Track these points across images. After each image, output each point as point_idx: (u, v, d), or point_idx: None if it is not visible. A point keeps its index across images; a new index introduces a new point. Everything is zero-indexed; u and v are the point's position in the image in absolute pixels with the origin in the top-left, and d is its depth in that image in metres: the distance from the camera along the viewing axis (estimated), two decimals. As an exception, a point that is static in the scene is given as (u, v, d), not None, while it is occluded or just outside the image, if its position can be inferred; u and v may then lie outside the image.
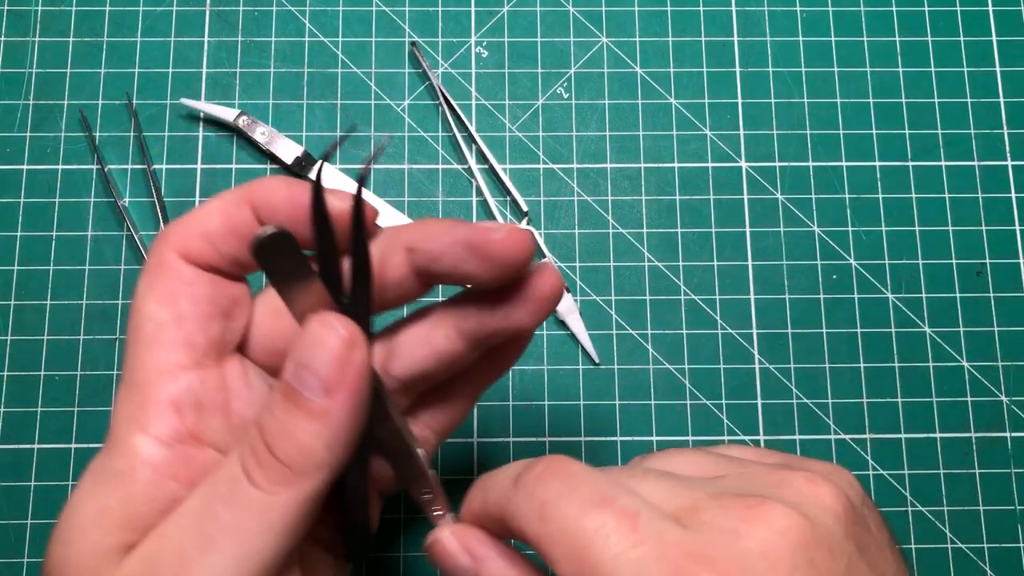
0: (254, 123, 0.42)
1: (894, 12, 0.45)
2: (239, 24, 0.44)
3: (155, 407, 0.22)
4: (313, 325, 0.22)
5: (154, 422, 0.22)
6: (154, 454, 0.22)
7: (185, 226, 0.24)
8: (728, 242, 0.42)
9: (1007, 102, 0.44)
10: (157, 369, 0.23)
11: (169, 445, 0.22)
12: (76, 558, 0.21)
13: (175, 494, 0.22)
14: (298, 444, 0.21)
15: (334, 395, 0.21)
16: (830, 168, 0.43)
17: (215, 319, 0.24)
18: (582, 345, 0.41)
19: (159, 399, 0.22)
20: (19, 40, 0.44)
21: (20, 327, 0.41)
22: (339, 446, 0.22)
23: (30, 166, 0.42)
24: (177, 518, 0.21)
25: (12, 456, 0.39)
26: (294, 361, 0.21)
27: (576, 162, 0.43)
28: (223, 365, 0.24)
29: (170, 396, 0.22)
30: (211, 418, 0.23)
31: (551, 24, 0.45)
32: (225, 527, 0.20)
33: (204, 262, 0.24)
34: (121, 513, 0.21)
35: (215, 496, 0.21)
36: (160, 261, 0.23)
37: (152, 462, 0.22)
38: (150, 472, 0.22)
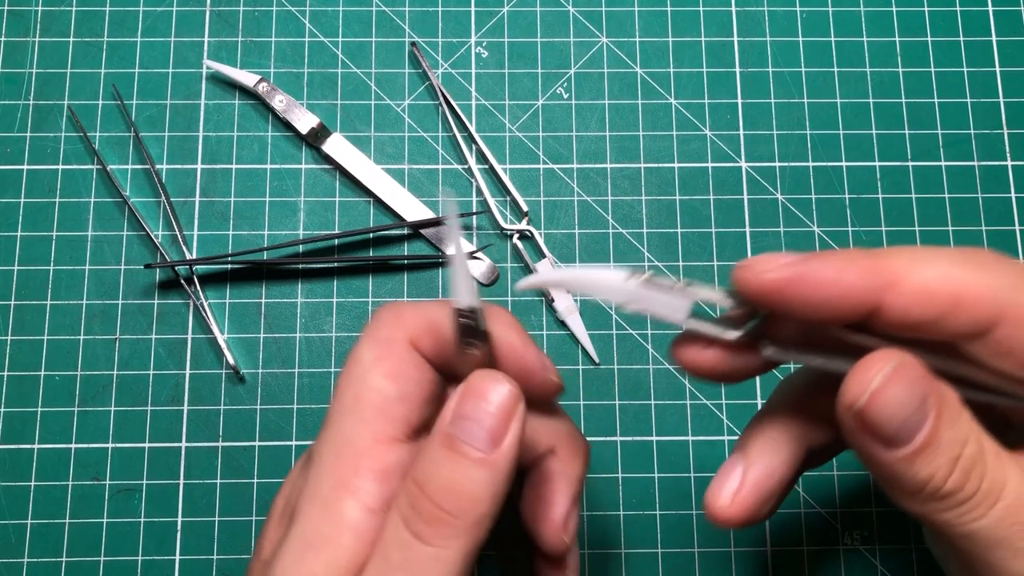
0: (273, 90, 0.42)
1: (894, 12, 0.45)
2: (239, 24, 0.44)
3: (370, 474, 0.23)
4: (477, 380, 0.23)
5: (364, 487, 0.23)
6: (359, 520, 0.23)
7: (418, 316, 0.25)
8: (728, 242, 0.42)
9: (1007, 102, 0.44)
10: (376, 439, 0.24)
11: (373, 513, 0.23)
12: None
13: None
14: (466, 494, 0.22)
15: (500, 445, 0.22)
16: (830, 168, 0.43)
17: (429, 404, 0.25)
18: (582, 345, 0.41)
19: (372, 467, 0.23)
20: (19, 40, 0.44)
21: (20, 327, 0.41)
22: (500, 495, 0.23)
23: (30, 166, 0.42)
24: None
25: (12, 456, 0.39)
26: (458, 415, 0.23)
27: (576, 162, 0.43)
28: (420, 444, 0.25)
29: (382, 465, 0.23)
30: None
31: (551, 24, 0.45)
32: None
33: (427, 353, 0.25)
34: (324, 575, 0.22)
35: (388, 563, 0.22)
36: (391, 339, 0.25)
37: (357, 528, 0.23)
38: (353, 538, 0.22)
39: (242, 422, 0.40)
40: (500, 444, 0.22)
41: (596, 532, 0.39)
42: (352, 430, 0.24)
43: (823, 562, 0.39)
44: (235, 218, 0.42)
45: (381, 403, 0.24)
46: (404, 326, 0.25)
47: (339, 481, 0.23)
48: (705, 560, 0.39)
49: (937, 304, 0.21)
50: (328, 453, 0.24)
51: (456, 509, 0.22)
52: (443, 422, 0.23)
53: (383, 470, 0.23)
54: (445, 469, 0.22)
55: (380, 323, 0.26)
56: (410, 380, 0.25)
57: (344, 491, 0.23)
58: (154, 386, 0.40)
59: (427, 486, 0.22)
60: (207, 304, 0.41)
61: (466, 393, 0.23)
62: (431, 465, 0.22)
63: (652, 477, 0.40)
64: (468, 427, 0.22)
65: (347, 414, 0.24)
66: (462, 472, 0.22)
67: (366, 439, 0.24)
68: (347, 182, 0.43)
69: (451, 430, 0.23)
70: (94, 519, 0.39)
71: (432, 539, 0.22)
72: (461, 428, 0.22)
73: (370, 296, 0.41)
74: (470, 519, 0.22)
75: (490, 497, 0.22)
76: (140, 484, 0.39)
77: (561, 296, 0.41)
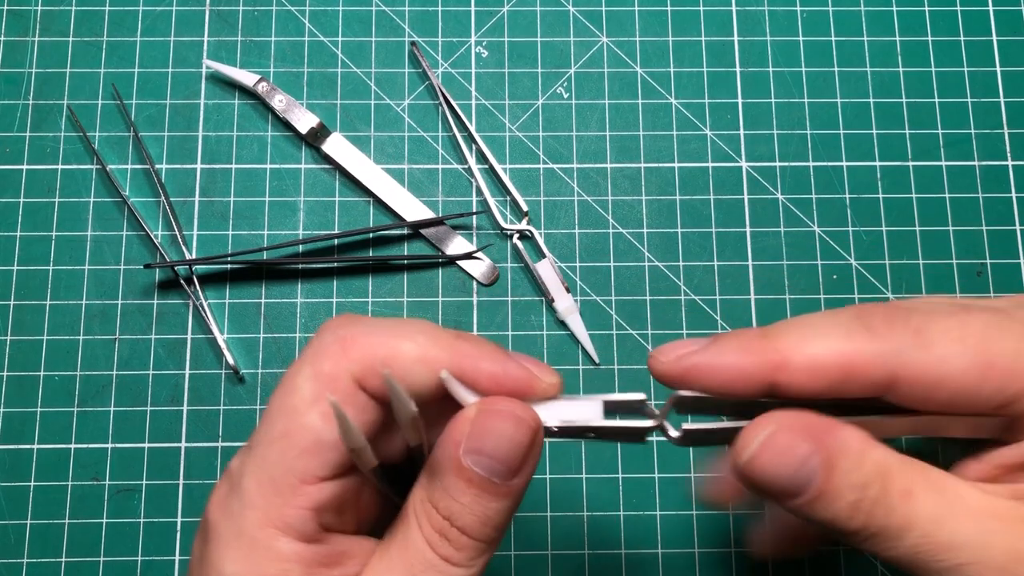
0: (273, 90, 0.42)
1: (894, 12, 0.45)
2: (239, 24, 0.44)
3: (298, 513, 0.23)
4: (491, 410, 0.23)
5: (295, 525, 0.23)
6: (300, 552, 0.23)
7: (367, 350, 0.24)
8: (728, 242, 0.42)
9: (1007, 102, 0.44)
10: (304, 479, 0.23)
11: (311, 543, 0.23)
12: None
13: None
14: (491, 522, 0.23)
15: (520, 476, 0.23)
16: (830, 168, 0.43)
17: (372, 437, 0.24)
18: (582, 345, 0.41)
19: (302, 505, 0.23)
20: (19, 40, 0.44)
21: (20, 327, 0.41)
22: (515, 510, 0.24)
23: (30, 166, 0.42)
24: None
25: (12, 456, 0.39)
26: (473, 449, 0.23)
27: (576, 162, 0.43)
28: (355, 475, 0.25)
29: (313, 503, 0.23)
30: (345, 515, 0.25)
31: (551, 24, 0.45)
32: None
33: (375, 390, 0.24)
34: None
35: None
36: (335, 379, 0.23)
37: (301, 558, 0.23)
38: (300, 569, 0.23)
39: (242, 422, 0.40)
40: (519, 474, 0.23)
41: (596, 532, 0.39)
42: (278, 467, 0.23)
43: (823, 562, 0.39)
44: (235, 218, 0.42)
45: (312, 445, 0.23)
46: (350, 360, 0.24)
47: (265, 518, 0.23)
48: (705, 560, 0.39)
49: (827, 378, 0.22)
50: (252, 485, 0.23)
51: (483, 536, 0.23)
52: (455, 449, 0.23)
53: (311, 508, 0.23)
54: (471, 502, 0.23)
55: (324, 352, 0.24)
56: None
57: (272, 528, 0.23)
58: (154, 386, 0.40)
59: (454, 518, 0.23)
60: (207, 304, 0.41)
61: (480, 422, 0.23)
62: (451, 498, 0.23)
63: (652, 477, 0.40)
64: (492, 465, 0.23)
65: (274, 447, 0.23)
66: (487, 503, 0.23)
67: (293, 478, 0.23)
68: (347, 182, 0.43)
69: (469, 464, 0.23)
70: (94, 519, 0.39)
71: (461, 562, 0.23)
72: (486, 465, 0.23)
73: (370, 296, 0.41)
74: (493, 540, 0.24)
75: (509, 516, 0.24)
76: (140, 484, 0.39)
77: (561, 296, 0.41)
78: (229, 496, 0.23)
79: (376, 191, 0.42)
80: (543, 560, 0.39)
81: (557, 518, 0.39)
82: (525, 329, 0.41)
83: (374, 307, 0.41)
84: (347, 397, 0.23)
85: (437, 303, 0.41)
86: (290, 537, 0.23)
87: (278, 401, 0.24)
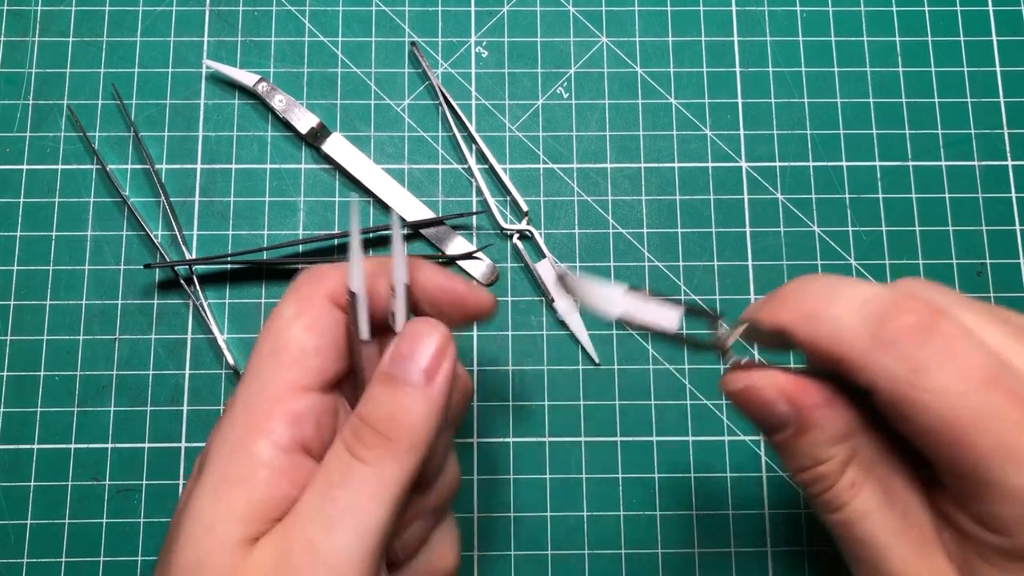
0: (273, 90, 0.42)
1: (894, 12, 0.45)
2: (239, 24, 0.44)
3: (280, 417, 0.25)
4: (416, 325, 0.26)
5: (276, 430, 0.25)
6: (272, 458, 0.24)
7: (338, 275, 0.27)
8: (728, 242, 0.42)
9: (1007, 102, 0.44)
10: (289, 386, 0.25)
11: (285, 452, 0.25)
12: (208, 554, 0.23)
13: (288, 493, 0.24)
14: (402, 422, 0.24)
15: (434, 380, 0.25)
16: (830, 168, 0.43)
17: (343, 359, 0.27)
18: (582, 345, 0.41)
19: (285, 411, 0.25)
20: (19, 40, 0.44)
21: (20, 327, 0.41)
22: (434, 426, 0.25)
23: (30, 166, 0.42)
24: (300, 508, 0.24)
25: (12, 456, 0.39)
26: (396, 355, 0.25)
27: (576, 162, 0.43)
28: (334, 396, 0.27)
29: (294, 410, 0.25)
30: (320, 435, 0.26)
31: (551, 24, 0.45)
32: (345, 507, 0.23)
33: (344, 308, 0.27)
34: (245, 509, 0.24)
35: (330, 483, 0.24)
36: (311, 296, 0.27)
37: (271, 464, 0.24)
38: (269, 473, 0.24)
39: (242, 422, 0.40)
40: (434, 379, 0.25)
41: (596, 532, 0.39)
42: (268, 378, 0.25)
43: (823, 562, 0.39)
44: (235, 218, 0.42)
45: (298, 353, 0.26)
46: (324, 285, 0.27)
47: (252, 424, 0.25)
48: (705, 560, 0.39)
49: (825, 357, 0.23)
50: (242, 400, 0.25)
51: (394, 435, 0.24)
52: (383, 364, 0.25)
53: (295, 414, 0.25)
54: (384, 401, 0.25)
55: (301, 282, 0.27)
56: (327, 334, 0.26)
57: (257, 433, 0.25)
58: (154, 386, 0.40)
59: (369, 416, 0.25)
60: (207, 304, 0.41)
61: (404, 336, 0.26)
62: (373, 400, 0.25)
63: (652, 477, 0.40)
64: (406, 365, 0.25)
65: (264, 363, 0.26)
66: (399, 403, 0.25)
67: (280, 386, 0.25)
68: (347, 182, 0.43)
69: (390, 369, 0.25)
70: (94, 519, 0.39)
71: (371, 460, 0.24)
72: (399, 366, 0.25)
73: (370, 296, 0.41)
74: (406, 444, 0.24)
75: (424, 426, 0.25)
76: (140, 484, 0.39)
77: (561, 296, 0.41)
78: (224, 418, 0.26)
79: (376, 191, 0.42)
80: (543, 560, 0.39)
81: (557, 518, 0.39)
82: (525, 329, 0.41)
83: (374, 307, 0.41)
84: (323, 312, 0.26)
85: (437, 303, 0.41)
86: (268, 441, 0.24)
87: (265, 329, 0.27)
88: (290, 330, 0.26)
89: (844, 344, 0.22)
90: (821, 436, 0.23)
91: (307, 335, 0.26)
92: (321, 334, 0.26)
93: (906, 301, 0.21)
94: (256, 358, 0.26)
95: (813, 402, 0.23)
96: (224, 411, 0.27)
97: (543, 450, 0.40)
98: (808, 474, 0.24)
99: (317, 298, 0.27)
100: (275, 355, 0.26)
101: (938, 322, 0.21)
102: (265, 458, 0.24)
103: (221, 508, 0.24)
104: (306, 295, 0.27)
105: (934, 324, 0.21)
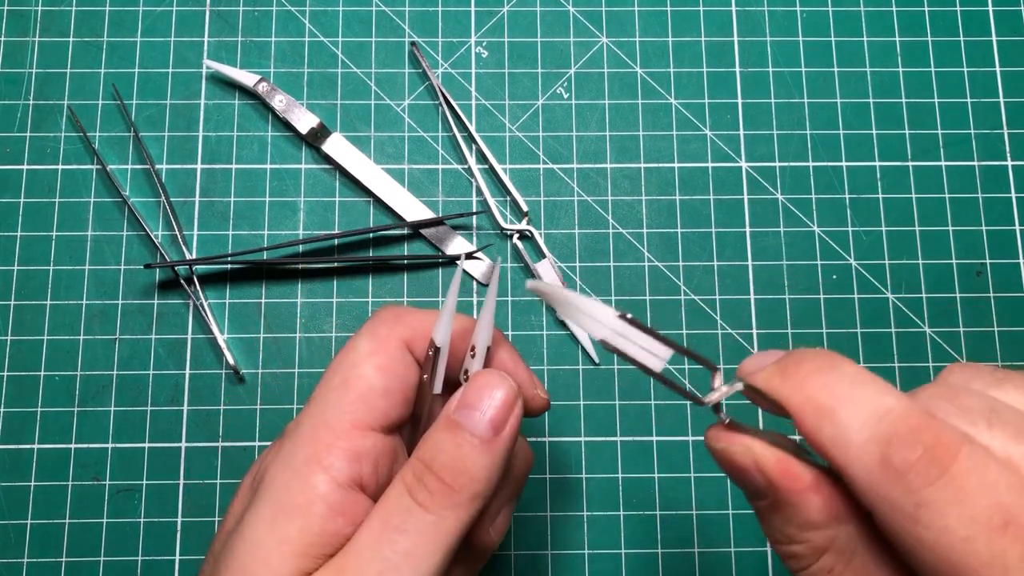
0: (273, 90, 0.42)
1: (894, 12, 0.45)
2: (239, 24, 0.44)
3: (340, 453, 0.25)
4: (486, 376, 0.26)
5: (336, 465, 0.25)
6: (329, 492, 0.25)
7: (417, 320, 0.28)
8: (728, 242, 0.42)
9: (1007, 102, 0.44)
10: (354, 423, 0.26)
11: (342, 488, 0.25)
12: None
13: (341, 529, 0.25)
14: (467, 472, 0.25)
15: (500, 433, 0.25)
16: (830, 168, 0.43)
17: (408, 403, 0.28)
18: (582, 345, 0.41)
19: (346, 447, 0.25)
20: (19, 40, 0.44)
21: (20, 327, 0.41)
22: (496, 478, 0.25)
23: (30, 166, 0.42)
24: (355, 548, 0.24)
25: (12, 456, 0.39)
26: (463, 404, 0.25)
27: (576, 162, 0.43)
28: (394, 438, 0.28)
29: (355, 447, 0.26)
30: (376, 475, 0.26)
31: (551, 24, 0.45)
32: (404, 552, 0.24)
33: (419, 356, 0.28)
34: (299, 543, 0.24)
35: (389, 525, 0.24)
36: (388, 337, 0.27)
37: (327, 499, 0.25)
38: (325, 508, 0.24)
39: (242, 422, 0.40)
40: (500, 433, 0.25)
41: (596, 532, 0.39)
42: (334, 411, 0.26)
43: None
44: (235, 218, 0.42)
45: (366, 392, 0.26)
46: (402, 326, 0.28)
47: (313, 455, 0.25)
48: (705, 560, 0.39)
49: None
50: (306, 428, 0.26)
51: (457, 484, 0.24)
52: (448, 410, 0.26)
53: (356, 451, 0.25)
54: (450, 449, 0.25)
55: (380, 320, 0.28)
56: (397, 377, 0.27)
57: (316, 465, 0.25)
58: (154, 386, 0.40)
59: (433, 463, 0.25)
60: (207, 304, 0.41)
61: (472, 385, 0.26)
62: (436, 446, 0.25)
63: (652, 477, 0.40)
64: (473, 415, 0.25)
65: (331, 395, 0.26)
66: (464, 452, 0.25)
67: (344, 422, 0.26)
68: (347, 182, 0.43)
69: (457, 417, 0.25)
70: (94, 519, 0.39)
71: (433, 508, 0.24)
72: (466, 416, 0.25)
73: (370, 296, 0.41)
74: (468, 494, 0.25)
75: (487, 477, 0.25)
76: (140, 484, 0.39)
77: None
78: (284, 441, 0.26)
79: (376, 191, 0.42)
80: (543, 560, 0.39)
81: (557, 518, 0.39)
82: (525, 329, 0.41)
83: (374, 307, 0.41)
84: (396, 355, 0.27)
85: (437, 303, 0.41)
86: (327, 476, 0.25)
87: (337, 361, 0.27)
88: (362, 367, 0.27)
89: (849, 457, 0.20)
90: (796, 518, 0.21)
91: (378, 376, 0.26)
92: (392, 377, 0.27)
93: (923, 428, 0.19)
94: (325, 387, 0.27)
95: (795, 485, 0.21)
96: (285, 432, 0.27)
97: (542, 450, 0.40)
98: (781, 548, 0.22)
99: (393, 339, 0.27)
100: (344, 389, 0.26)
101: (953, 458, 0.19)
102: (322, 492, 0.25)
103: (276, 538, 0.24)
104: (384, 335, 0.27)
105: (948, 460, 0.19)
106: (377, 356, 0.27)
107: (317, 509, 0.24)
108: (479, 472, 0.25)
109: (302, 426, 0.26)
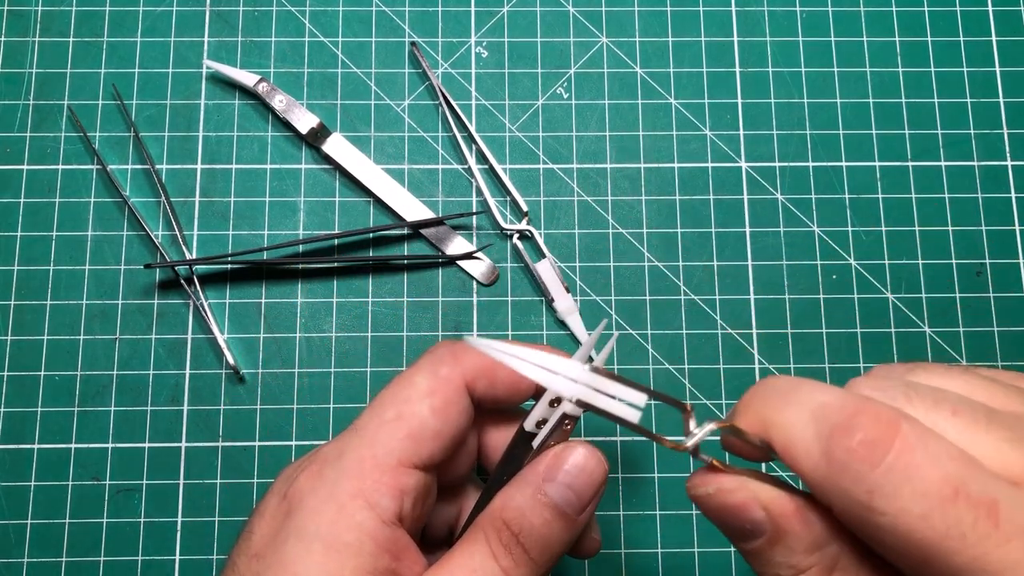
0: (273, 90, 0.42)
1: (894, 12, 0.45)
2: (239, 24, 0.44)
3: (387, 490, 0.25)
4: (586, 458, 0.26)
5: (383, 503, 0.25)
6: (376, 530, 0.25)
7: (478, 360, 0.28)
8: (728, 242, 0.42)
9: (1007, 102, 0.44)
10: (402, 460, 0.26)
11: (387, 524, 0.25)
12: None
13: (389, 565, 0.25)
14: (551, 549, 0.26)
15: (586, 511, 0.26)
16: (830, 168, 0.43)
17: (456, 445, 0.28)
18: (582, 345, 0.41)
19: (393, 484, 0.26)
20: (19, 40, 0.44)
21: (20, 327, 0.41)
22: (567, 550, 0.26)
23: (30, 166, 0.42)
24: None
25: (12, 456, 0.39)
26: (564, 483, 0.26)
27: (576, 162, 0.43)
28: (432, 475, 0.28)
29: (402, 485, 0.26)
30: (415, 511, 0.27)
31: (551, 24, 0.45)
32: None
33: (478, 394, 0.28)
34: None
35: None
36: (448, 378, 0.27)
37: (376, 537, 0.25)
38: (374, 546, 0.25)
39: (242, 422, 0.40)
40: (584, 512, 0.26)
41: (596, 532, 0.39)
42: (383, 445, 0.26)
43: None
44: (235, 218, 0.42)
45: (419, 431, 0.26)
46: (463, 367, 0.28)
47: (359, 490, 0.25)
48: (705, 560, 0.39)
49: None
50: (352, 460, 0.26)
51: (537, 556, 0.25)
52: (537, 477, 0.26)
53: (401, 489, 0.26)
54: (540, 524, 0.25)
55: (441, 358, 0.28)
56: (450, 422, 0.27)
57: (363, 500, 0.25)
58: (154, 386, 0.40)
59: (521, 534, 0.25)
60: (207, 304, 0.41)
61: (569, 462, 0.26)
62: (525, 517, 0.25)
63: (652, 477, 0.40)
64: (568, 496, 0.25)
65: (383, 429, 0.26)
66: (554, 530, 0.25)
67: (394, 457, 0.26)
68: (347, 182, 0.43)
69: (552, 495, 0.25)
70: (94, 519, 0.39)
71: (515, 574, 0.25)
72: (563, 495, 0.25)
73: (370, 296, 0.41)
74: (550, 564, 0.26)
75: (562, 550, 0.26)
76: (140, 484, 0.39)
77: (561, 296, 0.41)
78: (325, 468, 0.26)
79: (376, 191, 0.42)
80: (543, 560, 0.39)
81: (557, 518, 0.39)
82: (525, 329, 0.41)
83: (374, 307, 0.41)
84: (454, 398, 0.27)
85: (437, 303, 0.41)
86: (374, 513, 0.25)
87: (392, 393, 0.27)
88: (418, 404, 0.27)
89: (797, 459, 0.20)
90: (799, 545, 0.21)
91: (433, 418, 0.27)
92: (445, 421, 0.27)
93: (858, 413, 0.19)
94: (376, 418, 0.27)
95: (786, 510, 0.21)
96: (323, 457, 0.27)
97: (543, 450, 0.40)
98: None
99: (454, 381, 0.27)
100: (396, 425, 0.26)
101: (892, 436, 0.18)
102: (369, 528, 0.25)
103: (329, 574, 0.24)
104: (444, 376, 0.27)
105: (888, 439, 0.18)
106: (435, 397, 0.27)
107: (367, 548, 0.25)
108: (561, 547, 0.26)
109: (347, 456, 0.26)
